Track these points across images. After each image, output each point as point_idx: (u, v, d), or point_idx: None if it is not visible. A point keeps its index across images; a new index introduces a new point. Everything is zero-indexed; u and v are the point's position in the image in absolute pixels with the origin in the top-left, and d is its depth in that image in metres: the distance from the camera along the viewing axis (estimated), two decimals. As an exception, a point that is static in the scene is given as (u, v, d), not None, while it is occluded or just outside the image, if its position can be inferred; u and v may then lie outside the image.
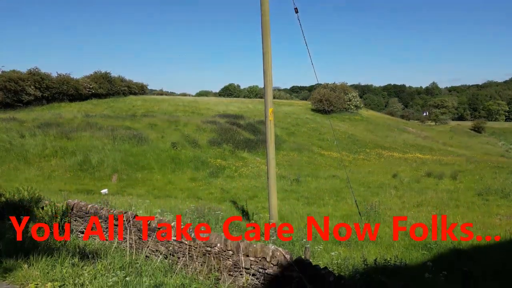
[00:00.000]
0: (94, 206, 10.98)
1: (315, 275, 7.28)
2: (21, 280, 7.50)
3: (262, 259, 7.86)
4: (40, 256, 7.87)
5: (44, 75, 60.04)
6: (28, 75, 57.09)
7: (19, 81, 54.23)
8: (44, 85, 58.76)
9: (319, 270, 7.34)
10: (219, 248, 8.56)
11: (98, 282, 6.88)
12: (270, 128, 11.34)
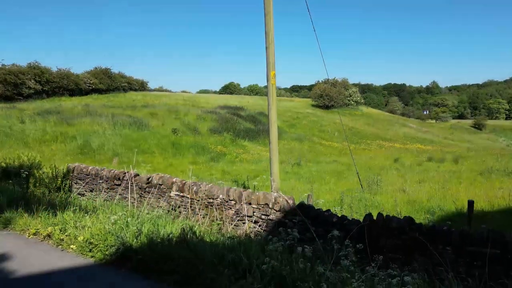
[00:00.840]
0: (95, 168, 10.93)
1: (317, 216, 7.22)
2: (22, 226, 7.45)
3: (265, 206, 7.80)
4: (41, 207, 7.82)
5: (44, 69, 60.04)
6: (28, 69, 57.06)
7: (19, 74, 54.23)
8: (44, 79, 58.75)
9: (322, 212, 7.28)
10: (221, 199, 8.51)
11: (100, 223, 6.80)
12: (272, 92, 11.23)
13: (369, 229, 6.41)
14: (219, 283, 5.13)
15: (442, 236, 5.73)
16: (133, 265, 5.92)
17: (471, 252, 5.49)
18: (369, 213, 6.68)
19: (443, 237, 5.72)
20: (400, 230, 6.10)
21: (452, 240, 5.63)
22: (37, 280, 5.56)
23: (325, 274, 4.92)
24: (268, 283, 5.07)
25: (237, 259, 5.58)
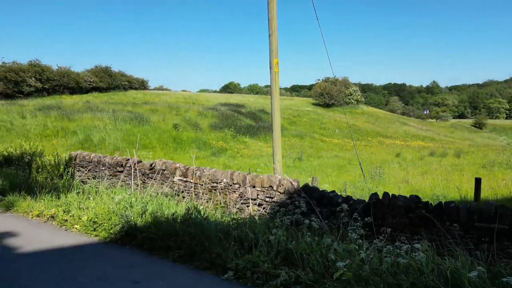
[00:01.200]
0: (98, 155, 10.88)
1: (322, 197, 7.17)
2: (25, 209, 7.42)
3: (269, 188, 7.76)
4: (44, 191, 7.78)
5: (44, 67, 59.94)
6: (28, 67, 56.99)
7: (19, 72, 54.15)
8: (44, 77, 58.65)
9: (327, 192, 7.23)
10: (225, 183, 8.46)
11: (104, 204, 6.76)
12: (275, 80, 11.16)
13: (375, 208, 6.36)
14: (224, 257, 5.09)
15: (449, 213, 5.68)
16: (137, 243, 5.88)
17: (479, 227, 5.44)
18: (374, 192, 6.63)
19: (451, 214, 5.67)
20: (406, 208, 6.05)
21: (460, 217, 5.58)
22: (41, 256, 5.52)
23: (333, 246, 4.88)
24: (274, 256, 5.03)
25: (242, 235, 5.55)
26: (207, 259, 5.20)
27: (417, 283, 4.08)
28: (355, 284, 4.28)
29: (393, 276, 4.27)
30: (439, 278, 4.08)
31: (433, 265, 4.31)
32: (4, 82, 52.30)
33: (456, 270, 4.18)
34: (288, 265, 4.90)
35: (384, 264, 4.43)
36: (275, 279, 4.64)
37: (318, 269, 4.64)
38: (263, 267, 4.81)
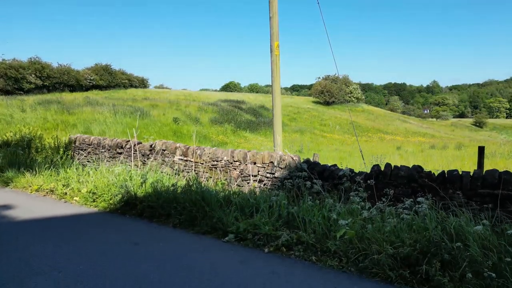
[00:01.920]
0: (97, 138, 10.82)
1: (323, 171, 7.10)
2: (24, 184, 7.37)
3: (270, 164, 7.69)
4: (43, 167, 7.72)
5: (45, 64, 59.90)
6: (28, 64, 56.95)
7: (19, 69, 54.10)
8: (45, 74, 58.61)
9: (328, 166, 7.18)
10: (225, 161, 8.40)
11: (104, 177, 6.70)
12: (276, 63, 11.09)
13: (377, 179, 6.29)
14: (225, 222, 5.03)
15: (452, 181, 5.62)
16: (137, 212, 5.83)
17: (482, 194, 5.37)
18: (376, 164, 6.56)
19: (454, 182, 5.61)
20: (409, 178, 5.98)
21: (463, 184, 5.52)
22: (40, 222, 5.47)
23: (335, 207, 4.83)
24: (276, 220, 4.97)
25: (243, 202, 5.49)
26: (207, 224, 5.15)
27: (420, 239, 4.02)
28: (357, 242, 4.22)
29: (396, 235, 4.22)
30: (443, 234, 4.03)
31: (436, 223, 4.25)
32: (4, 79, 52.25)
33: (460, 227, 4.13)
34: (289, 228, 4.85)
35: (386, 223, 4.38)
36: (277, 240, 4.58)
37: (320, 230, 4.59)
38: (264, 229, 4.75)
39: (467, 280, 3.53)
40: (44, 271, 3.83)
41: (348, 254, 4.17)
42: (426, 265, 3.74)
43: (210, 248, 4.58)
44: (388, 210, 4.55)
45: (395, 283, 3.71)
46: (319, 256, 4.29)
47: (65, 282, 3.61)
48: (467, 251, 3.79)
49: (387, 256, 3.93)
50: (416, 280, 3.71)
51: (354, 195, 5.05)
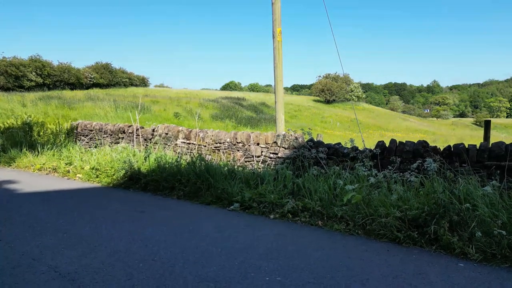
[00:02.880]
0: (99, 123, 10.77)
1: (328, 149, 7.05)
2: (26, 164, 7.32)
3: (273, 144, 7.65)
4: (46, 148, 7.68)
5: (45, 62, 59.88)
6: (29, 62, 56.93)
7: (20, 67, 54.10)
8: (45, 72, 58.59)
9: (333, 144, 7.13)
10: (228, 143, 8.35)
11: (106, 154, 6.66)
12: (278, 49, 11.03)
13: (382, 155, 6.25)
14: (230, 192, 4.99)
15: (458, 154, 5.58)
16: (141, 186, 5.79)
17: (489, 166, 5.33)
18: (381, 141, 6.52)
19: (460, 154, 5.56)
20: (414, 153, 5.93)
21: (470, 157, 5.48)
22: (43, 194, 5.43)
23: (342, 175, 4.79)
24: (281, 190, 4.93)
25: (248, 175, 5.45)
26: (212, 195, 5.11)
27: (428, 202, 3.98)
28: (364, 207, 4.18)
29: (403, 200, 4.17)
30: (451, 197, 3.99)
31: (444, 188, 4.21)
32: (4, 76, 52.25)
33: (468, 191, 4.09)
34: (295, 198, 4.81)
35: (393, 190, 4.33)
36: (282, 207, 4.54)
37: (326, 198, 4.55)
38: (270, 197, 4.72)
39: (476, 238, 3.49)
40: (48, 233, 3.80)
41: (355, 219, 4.13)
42: (435, 226, 3.70)
43: (215, 215, 4.54)
44: (395, 176, 4.50)
45: (403, 243, 3.67)
46: (325, 221, 4.25)
47: (70, 241, 3.57)
48: (475, 212, 3.75)
49: (394, 218, 3.89)
50: (425, 240, 3.67)
51: (360, 165, 5.00)
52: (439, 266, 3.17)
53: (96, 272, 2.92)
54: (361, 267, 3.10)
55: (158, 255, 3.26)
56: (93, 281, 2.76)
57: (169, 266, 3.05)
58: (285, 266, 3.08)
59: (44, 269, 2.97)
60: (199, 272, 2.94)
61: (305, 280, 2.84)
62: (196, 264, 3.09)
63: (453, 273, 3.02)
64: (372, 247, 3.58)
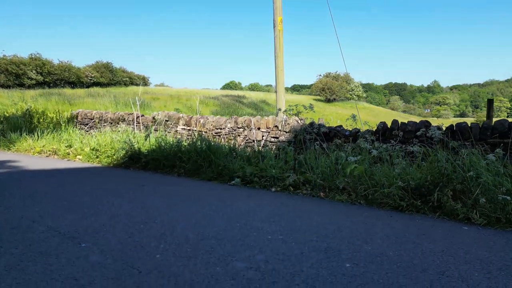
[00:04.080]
0: (99, 112, 10.74)
1: (329, 132, 7.02)
2: (26, 148, 7.27)
3: (275, 128, 7.61)
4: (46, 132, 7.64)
5: (45, 61, 59.83)
6: (29, 60, 56.94)
7: (20, 65, 54.09)
8: (45, 71, 58.58)
9: (334, 127, 7.10)
10: (229, 128, 8.32)
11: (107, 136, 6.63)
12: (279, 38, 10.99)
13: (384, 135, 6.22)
14: (232, 168, 4.96)
15: (461, 132, 5.54)
16: (141, 165, 5.76)
17: (492, 143, 5.30)
18: (383, 122, 6.49)
19: (463, 132, 5.53)
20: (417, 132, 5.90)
21: (473, 134, 5.44)
22: (43, 172, 5.39)
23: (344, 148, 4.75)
24: (283, 165, 4.90)
25: (250, 153, 5.42)
26: (213, 171, 5.08)
27: (432, 171, 3.95)
28: (367, 179, 4.14)
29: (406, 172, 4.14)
30: (454, 166, 3.95)
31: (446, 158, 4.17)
32: (5, 75, 52.23)
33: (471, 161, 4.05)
34: (296, 173, 4.77)
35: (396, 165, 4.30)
36: (284, 181, 4.51)
37: (328, 172, 4.52)
38: (271, 172, 4.68)
39: (480, 205, 3.46)
40: (48, 201, 3.76)
41: (357, 190, 4.09)
42: (438, 193, 3.66)
43: (215, 188, 4.51)
44: (398, 148, 4.47)
45: (406, 211, 3.63)
46: (327, 192, 4.21)
47: (70, 207, 3.54)
48: (479, 179, 3.71)
49: (397, 188, 3.86)
50: (428, 207, 3.64)
51: (363, 140, 4.97)
52: (442, 229, 3.13)
53: (97, 232, 2.88)
54: (364, 229, 3.06)
55: (159, 219, 3.23)
56: (93, 239, 2.73)
57: (170, 227, 3.02)
58: (287, 228, 3.05)
59: (44, 229, 2.93)
60: (200, 232, 2.91)
61: (308, 238, 2.81)
62: (197, 225, 3.06)
63: (457, 234, 2.99)
64: (375, 214, 3.55)
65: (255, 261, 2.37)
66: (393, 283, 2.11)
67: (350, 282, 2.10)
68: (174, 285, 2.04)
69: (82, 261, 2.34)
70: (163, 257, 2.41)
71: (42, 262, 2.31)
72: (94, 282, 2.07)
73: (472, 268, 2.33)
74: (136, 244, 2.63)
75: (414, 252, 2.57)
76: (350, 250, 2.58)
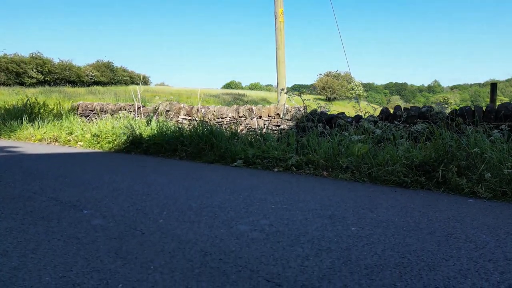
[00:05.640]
0: (100, 103, 10.71)
1: (331, 119, 6.99)
2: (26, 136, 7.24)
3: (276, 116, 7.58)
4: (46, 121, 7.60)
5: (46, 59, 59.87)
6: (30, 59, 56.97)
7: (21, 64, 54.12)
8: (46, 70, 58.61)
9: (336, 114, 7.08)
10: (230, 118, 8.29)
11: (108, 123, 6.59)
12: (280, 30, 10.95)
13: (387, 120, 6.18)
14: (234, 151, 4.93)
15: (464, 116, 5.51)
16: (143, 150, 5.73)
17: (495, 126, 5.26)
18: (385, 107, 6.46)
19: (466, 116, 5.50)
20: (420, 117, 5.87)
21: (476, 118, 5.41)
22: (44, 155, 5.37)
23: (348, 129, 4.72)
24: (285, 147, 4.87)
25: (251, 136, 5.39)
26: (215, 154, 5.05)
27: (436, 149, 3.91)
28: (371, 158, 4.11)
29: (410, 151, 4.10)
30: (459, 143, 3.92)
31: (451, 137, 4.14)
32: (5, 73, 52.28)
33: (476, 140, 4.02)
34: (299, 155, 4.74)
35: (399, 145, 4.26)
36: (286, 162, 4.47)
37: (331, 152, 4.49)
38: (273, 153, 4.65)
39: (486, 179, 3.42)
40: (49, 178, 3.73)
41: (360, 169, 4.06)
42: (443, 168, 3.63)
43: (218, 169, 4.48)
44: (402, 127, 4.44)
45: (410, 187, 3.60)
46: (330, 172, 4.18)
47: (71, 183, 3.51)
48: (484, 155, 3.68)
49: (401, 165, 3.82)
50: (432, 183, 3.60)
51: (366, 121, 4.94)
52: (448, 201, 3.10)
53: (99, 201, 2.85)
54: (369, 200, 3.03)
55: (162, 192, 3.20)
56: (95, 207, 2.70)
57: (173, 198, 2.99)
58: (290, 199, 3.02)
59: (45, 199, 2.90)
60: (203, 202, 2.88)
61: (312, 207, 2.78)
62: (200, 197, 3.03)
63: (463, 205, 2.96)
64: (379, 189, 3.52)
65: (259, 224, 2.34)
66: (400, 243, 2.08)
67: (356, 242, 2.07)
68: (178, 243, 2.01)
69: (84, 224, 2.31)
70: (166, 221, 2.38)
71: (44, 225, 2.28)
72: (96, 241, 2.03)
73: (479, 231, 2.30)
74: (138, 211, 2.59)
75: (420, 219, 2.54)
76: (355, 217, 2.55)
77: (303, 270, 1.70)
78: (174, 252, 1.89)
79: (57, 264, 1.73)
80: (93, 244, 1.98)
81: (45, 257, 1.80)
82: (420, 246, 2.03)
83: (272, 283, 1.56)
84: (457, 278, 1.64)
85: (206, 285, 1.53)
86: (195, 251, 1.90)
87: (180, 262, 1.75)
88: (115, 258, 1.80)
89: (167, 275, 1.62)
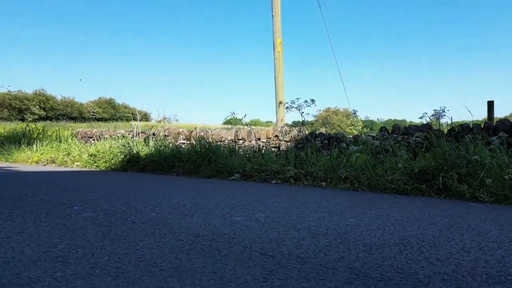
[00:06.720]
0: (100, 130, 10.75)
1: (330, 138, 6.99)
2: (23, 158, 7.23)
3: (275, 138, 7.58)
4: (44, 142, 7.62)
5: (49, 96, 60.88)
6: (33, 95, 57.90)
7: (24, 100, 54.93)
8: (48, 106, 59.44)
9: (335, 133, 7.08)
10: (229, 140, 8.28)
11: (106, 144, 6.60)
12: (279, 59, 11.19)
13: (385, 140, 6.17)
14: (231, 165, 4.88)
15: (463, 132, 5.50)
16: (139, 167, 5.68)
17: (494, 141, 5.24)
18: (384, 126, 6.46)
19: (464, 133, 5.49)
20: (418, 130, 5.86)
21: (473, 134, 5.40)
22: (41, 173, 5.30)
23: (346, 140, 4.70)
24: (283, 162, 4.83)
25: (249, 153, 5.36)
26: (212, 169, 4.99)
27: (438, 157, 3.87)
28: (370, 167, 4.06)
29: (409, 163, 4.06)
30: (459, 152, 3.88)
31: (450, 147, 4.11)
32: (8, 109, 52.94)
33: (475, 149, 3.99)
34: (297, 168, 4.69)
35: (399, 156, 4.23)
36: (284, 174, 4.42)
37: (329, 164, 4.44)
38: (271, 166, 4.60)
39: (486, 185, 3.36)
40: (43, 186, 3.67)
41: (360, 179, 3.99)
42: (444, 174, 3.57)
43: (214, 183, 4.41)
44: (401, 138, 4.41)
45: (411, 194, 3.53)
46: (329, 182, 4.12)
47: (67, 189, 3.44)
48: (484, 162, 3.63)
49: (401, 174, 3.77)
50: (433, 190, 3.53)
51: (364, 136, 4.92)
52: (449, 204, 3.03)
53: (91, 201, 2.78)
54: (368, 203, 2.96)
55: (157, 195, 3.13)
56: (86, 205, 2.63)
57: (167, 198, 2.93)
58: (288, 200, 2.95)
59: (37, 200, 2.84)
60: (198, 202, 2.81)
61: (310, 205, 2.71)
62: (195, 200, 2.96)
63: (465, 207, 2.88)
64: (379, 195, 3.45)
65: (255, 217, 2.27)
66: (400, 229, 2.00)
67: (354, 229, 2.00)
68: (169, 229, 1.93)
69: (74, 217, 2.23)
70: (158, 215, 2.31)
71: (32, 217, 2.21)
72: (85, 227, 1.96)
73: (482, 223, 2.22)
74: (130, 208, 2.52)
75: (421, 215, 2.47)
76: (354, 213, 2.47)
77: (298, 247, 1.62)
78: (165, 235, 1.81)
79: (42, 243, 1.66)
80: (81, 230, 1.91)
81: (30, 238, 1.73)
82: (421, 232, 1.95)
83: (266, 255, 1.48)
84: (460, 253, 1.56)
85: (196, 257, 1.45)
86: (187, 234, 1.83)
87: (170, 242, 1.68)
88: (102, 238, 1.73)
89: (156, 250, 1.54)
